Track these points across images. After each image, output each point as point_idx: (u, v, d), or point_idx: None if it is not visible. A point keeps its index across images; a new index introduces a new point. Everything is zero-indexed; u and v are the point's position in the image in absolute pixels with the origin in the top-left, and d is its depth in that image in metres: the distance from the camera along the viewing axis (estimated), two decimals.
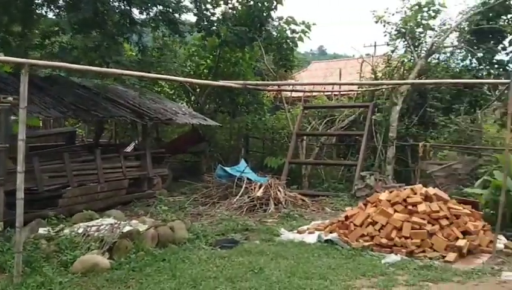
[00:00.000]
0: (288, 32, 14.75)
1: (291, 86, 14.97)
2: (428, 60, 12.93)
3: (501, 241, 6.78)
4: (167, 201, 9.95)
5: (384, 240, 6.60)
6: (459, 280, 5.30)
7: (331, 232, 7.18)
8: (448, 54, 13.65)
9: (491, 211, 7.58)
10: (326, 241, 6.92)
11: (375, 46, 21.10)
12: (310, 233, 7.49)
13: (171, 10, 11.01)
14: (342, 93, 15.88)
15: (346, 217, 7.42)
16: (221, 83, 8.23)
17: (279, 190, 10.11)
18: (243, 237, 7.34)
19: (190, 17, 13.49)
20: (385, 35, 13.57)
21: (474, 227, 6.74)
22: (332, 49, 74.49)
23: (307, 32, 14.54)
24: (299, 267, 5.69)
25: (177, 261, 5.89)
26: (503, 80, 9.14)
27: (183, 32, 11.94)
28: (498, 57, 12.95)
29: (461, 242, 6.36)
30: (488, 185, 7.90)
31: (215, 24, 13.27)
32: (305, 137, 13.60)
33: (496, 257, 6.29)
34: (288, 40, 14.78)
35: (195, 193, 10.84)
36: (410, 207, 6.94)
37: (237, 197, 9.73)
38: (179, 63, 16.65)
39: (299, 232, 7.66)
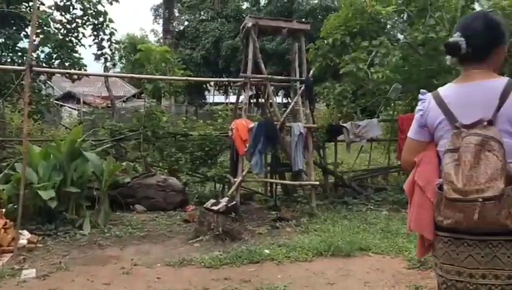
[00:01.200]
0: None
1: None
2: None
3: (25, 237, 6.45)
4: None
5: None
6: None
7: None
8: None
9: (15, 206, 7.14)
10: None
11: None
12: None
13: None
14: None
15: None
16: None
17: None
18: None
19: None
20: None
21: None
22: None
23: None
24: None
25: None
26: (22, 68, 8.75)
27: None
28: (21, 44, 12.55)
29: None
30: (11, 179, 7.43)
31: None
32: None
33: (18, 254, 5.89)
34: None
35: None
36: None
37: None
38: None
39: None
